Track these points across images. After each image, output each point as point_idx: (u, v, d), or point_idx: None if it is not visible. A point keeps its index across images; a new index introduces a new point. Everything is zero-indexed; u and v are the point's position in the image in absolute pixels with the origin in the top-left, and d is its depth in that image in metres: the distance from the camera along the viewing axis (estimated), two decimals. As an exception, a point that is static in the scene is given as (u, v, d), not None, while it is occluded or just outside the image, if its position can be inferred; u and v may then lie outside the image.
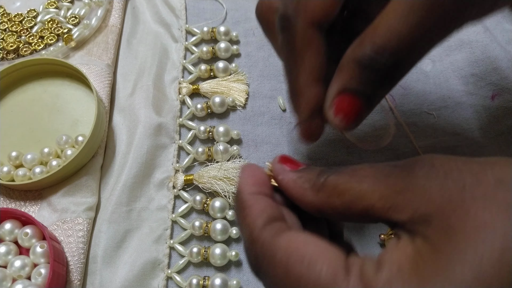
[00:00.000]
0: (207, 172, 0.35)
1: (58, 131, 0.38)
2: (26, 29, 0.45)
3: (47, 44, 0.44)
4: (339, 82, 0.22)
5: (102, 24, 0.45)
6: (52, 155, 0.37)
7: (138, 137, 0.37)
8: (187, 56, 0.43)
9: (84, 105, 0.40)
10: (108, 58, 0.42)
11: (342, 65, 0.22)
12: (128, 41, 0.44)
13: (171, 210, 0.35)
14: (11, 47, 0.43)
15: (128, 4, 0.47)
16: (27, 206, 0.36)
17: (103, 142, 0.38)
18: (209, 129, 0.38)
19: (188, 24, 0.45)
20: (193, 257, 0.33)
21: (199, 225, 0.34)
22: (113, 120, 0.40)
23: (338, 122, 0.23)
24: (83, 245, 0.33)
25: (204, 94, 0.41)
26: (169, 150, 0.38)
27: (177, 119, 0.39)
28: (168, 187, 0.36)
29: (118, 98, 0.41)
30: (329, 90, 0.23)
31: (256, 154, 0.38)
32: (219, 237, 0.33)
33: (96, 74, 0.41)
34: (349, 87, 0.22)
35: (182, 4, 0.46)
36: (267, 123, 0.39)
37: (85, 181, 0.36)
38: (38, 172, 0.36)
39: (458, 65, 0.40)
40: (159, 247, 0.34)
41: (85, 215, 0.34)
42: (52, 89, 0.41)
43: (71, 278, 0.32)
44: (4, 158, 0.37)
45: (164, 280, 0.33)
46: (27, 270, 0.31)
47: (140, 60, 0.43)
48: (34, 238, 0.32)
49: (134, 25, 0.45)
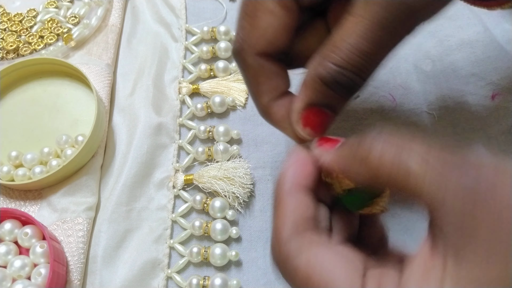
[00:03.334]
0: (207, 172, 0.35)
1: (58, 131, 0.38)
2: (26, 28, 0.45)
3: (47, 43, 0.44)
4: (305, 98, 0.24)
5: (102, 23, 0.44)
6: (52, 155, 0.37)
7: (138, 136, 0.37)
8: (187, 55, 0.43)
9: (84, 105, 0.40)
10: (108, 58, 0.42)
11: (306, 82, 0.24)
12: (128, 41, 0.44)
13: (171, 210, 0.35)
14: (11, 47, 0.43)
15: (128, 4, 0.47)
16: (27, 206, 0.36)
17: (103, 142, 0.38)
18: (209, 129, 0.38)
19: (188, 24, 0.45)
20: (193, 257, 0.33)
21: (199, 225, 0.34)
22: (113, 120, 0.40)
23: (307, 134, 0.24)
24: (83, 245, 0.33)
25: (204, 93, 0.41)
26: (169, 150, 0.38)
27: (177, 118, 0.39)
28: (168, 187, 0.36)
29: (118, 98, 0.41)
30: (294, 105, 0.24)
31: (256, 154, 0.38)
32: (219, 237, 0.33)
33: (96, 74, 0.41)
34: (315, 102, 0.23)
35: (182, 3, 0.46)
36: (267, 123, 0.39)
37: (85, 181, 0.36)
38: (38, 172, 0.36)
39: (458, 65, 0.40)
40: (159, 247, 0.34)
41: (85, 215, 0.34)
42: (52, 89, 0.41)
43: (71, 278, 0.32)
44: (4, 158, 0.37)
45: (164, 280, 0.33)
46: (27, 270, 0.31)
47: (140, 60, 0.42)
48: (34, 238, 0.32)
49: (134, 25, 0.45)
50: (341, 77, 0.22)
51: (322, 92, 0.23)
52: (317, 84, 0.23)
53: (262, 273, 0.33)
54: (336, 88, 0.22)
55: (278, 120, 0.26)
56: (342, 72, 0.22)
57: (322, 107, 0.24)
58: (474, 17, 0.43)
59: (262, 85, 0.26)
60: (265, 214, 0.35)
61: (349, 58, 0.22)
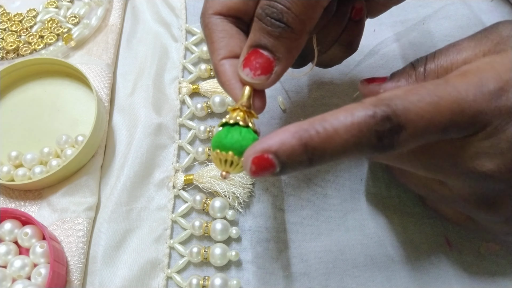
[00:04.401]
0: (207, 172, 0.35)
1: (58, 131, 0.38)
2: (26, 28, 0.45)
3: (47, 43, 0.44)
4: (248, 40, 0.25)
5: (102, 23, 0.45)
6: (52, 155, 0.37)
7: (138, 136, 0.37)
8: (187, 55, 0.43)
9: (84, 105, 0.40)
10: (108, 58, 0.42)
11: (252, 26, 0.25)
12: (128, 41, 0.44)
13: (171, 210, 0.35)
14: (11, 47, 0.43)
15: (128, 4, 0.47)
16: (27, 206, 0.36)
17: (103, 142, 0.38)
18: (209, 129, 0.38)
19: (188, 24, 0.45)
20: (193, 257, 0.33)
21: (199, 225, 0.34)
22: (113, 120, 0.40)
23: (245, 75, 0.24)
24: (83, 245, 0.33)
25: (204, 93, 0.41)
26: (169, 150, 0.38)
27: (177, 118, 0.39)
28: (168, 187, 0.36)
29: (118, 98, 0.41)
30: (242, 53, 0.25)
31: (256, 154, 0.38)
32: (219, 237, 0.33)
33: (96, 74, 0.41)
34: (255, 42, 0.24)
35: (182, 3, 0.46)
36: (267, 122, 0.39)
37: (85, 181, 0.36)
38: (38, 172, 0.36)
39: (458, 65, 0.40)
40: (159, 247, 0.34)
41: (85, 215, 0.34)
42: (52, 89, 0.41)
43: (71, 278, 0.32)
44: (4, 158, 0.37)
45: (164, 280, 0.33)
46: (27, 270, 0.31)
47: (140, 60, 0.43)
48: (34, 238, 0.32)
49: (134, 25, 0.45)
50: (269, 10, 0.23)
51: (258, 30, 0.24)
52: (255, 23, 0.24)
53: (262, 273, 0.33)
54: (267, 22, 0.23)
55: (225, 78, 0.26)
56: (271, 4, 0.23)
57: (261, 49, 0.24)
58: (474, 17, 0.43)
59: (216, 42, 0.26)
60: (265, 214, 0.35)
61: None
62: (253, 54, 0.24)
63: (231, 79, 0.25)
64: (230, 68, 0.26)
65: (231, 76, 0.25)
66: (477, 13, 0.43)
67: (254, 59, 0.24)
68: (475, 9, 0.43)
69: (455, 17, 0.43)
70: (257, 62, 0.24)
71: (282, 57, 0.24)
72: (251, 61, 0.24)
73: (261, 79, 0.24)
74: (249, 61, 0.24)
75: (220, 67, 0.26)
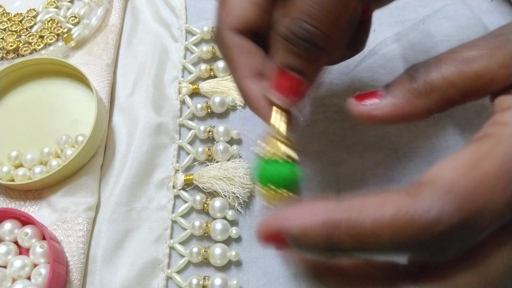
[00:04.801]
0: (207, 172, 0.35)
1: (58, 131, 0.38)
2: (26, 28, 0.45)
3: (47, 43, 0.44)
4: (274, 60, 0.23)
5: (102, 23, 0.45)
6: (52, 155, 0.37)
7: (138, 136, 0.37)
8: (187, 55, 0.43)
9: (84, 105, 0.40)
10: (108, 58, 0.42)
11: (272, 44, 0.24)
12: (128, 41, 0.44)
13: (171, 210, 0.35)
14: (11, 47, 0.43)
15: (128, 4, 0.47)
16: (27, 206, 0.36)
17: (103, 142, 0.38)
18: (209, 129, 0.38)
19: (188, 24, 0.45)
20: (193, 257, 0.33)
21: (199, 225, 0.34)
22: (113, 120, 0.40)
23: (277, 99, 0.24)
24: (83, 245, 0.33)
25: (204, 93, 0.41)
26: (169, 150, 0.38)
27: (177, 118, 0.39)
28: (168, 187, 0.36)
29: (118, 98, 0.41)
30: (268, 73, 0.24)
31: (256, 154, 0.38)
32: (219, 237, 0.33)
33: (96, 74, 0.41)
34: (283, 63, 0.23)
35: (182, 3, 0.46)
36: (267, 123, 0.39)
37: (85, 181, 0.36)
38: (38, 172, 0.36)
39: (458, 65, 0.40)
40: (159, 247, 0.34)
41: (85, 215, 0.34)
42: (52, 89, 0.41)
43: (71, 278, 0.32)
44: (4, 158, 0.37)
45: (164, 280, 0.33)
46: (27, 270, 0.31)
47: (140, 60, 0.43)
48: (34, 238, 0.32)
49: (134, 25, 0.45)
50: (296, 30, 0.22)
51: (285, 51, 0.23)
52: (280, 43, 0.23)
53: (262, 273, 0.33)
54: (295, 43, 0.22)
55: (253, 100, 0.25)
56: (298, 23, 0.21)
57: (290, 70, 0.23)
58: (474, 17, 0.43)
59: (236, 61, 0.25)
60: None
61: (304, 9, 0.21)
62: (282, 76, 0.23)
63: (259, 100, 0.25)
64: (256, 88, 0.25)
65: (259, 97, 0.25)
66: (477, 13, 0.43)
67: (284, 82, 0.23)
68: (475, 9, 0.43)
69: (455, 17, 0.43)
70: (288, 85, 0.23)
71: (312, 75, 0.24)
72: (281, 84, 0.23)
73: (292, 100, 0.24)
74: (279, 84, 0.23)
75: (245, 88, 0.25)
